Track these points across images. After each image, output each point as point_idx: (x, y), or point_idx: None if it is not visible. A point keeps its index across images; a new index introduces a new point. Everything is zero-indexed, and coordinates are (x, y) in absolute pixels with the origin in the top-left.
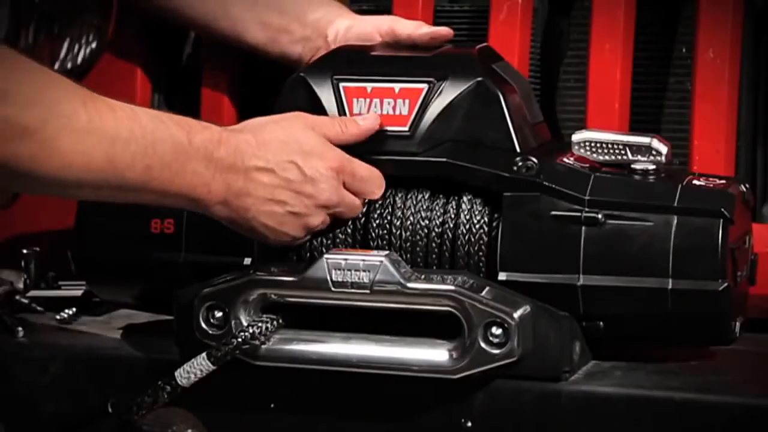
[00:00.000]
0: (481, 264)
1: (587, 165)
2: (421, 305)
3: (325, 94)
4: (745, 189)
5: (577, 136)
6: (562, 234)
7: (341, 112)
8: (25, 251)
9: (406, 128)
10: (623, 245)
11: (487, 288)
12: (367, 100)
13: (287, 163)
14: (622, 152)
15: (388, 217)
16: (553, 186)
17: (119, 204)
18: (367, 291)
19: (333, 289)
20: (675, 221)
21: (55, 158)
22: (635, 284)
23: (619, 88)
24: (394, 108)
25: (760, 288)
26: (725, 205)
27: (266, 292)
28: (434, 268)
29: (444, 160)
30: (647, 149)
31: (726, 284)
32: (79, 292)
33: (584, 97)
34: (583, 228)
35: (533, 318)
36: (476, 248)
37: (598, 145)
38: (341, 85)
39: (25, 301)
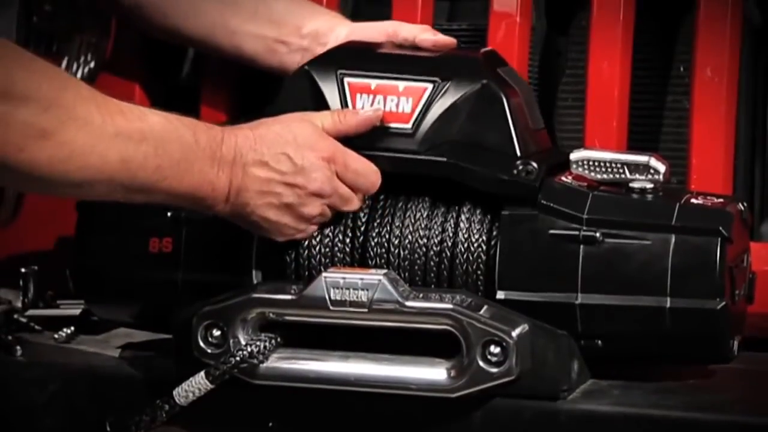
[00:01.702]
0: (479, 282)
1: (585, 184)
2: (420, 324)
3: (329, 89)
4: (743, 207)
5: (575, 155)
6: (561, 253)
7: (344, 106)
8: (23, 270)
9: (409, 126)
10: (621, 264)
11: (486, 307)
12: (371, 96)
13: (280, 155)
14: (621, 171)
15: (387, 236)
16: (552, 205)
17: (118, 223)
18: (366, 310)
19: (331, 307)
20: (673, 240)
21: (72, 160)
22: (633, 303)
23: (617, 106)
24: (397, 105)
25: (759, 306)
26: (723, 224)
27: (264, 310)
28: (432, 286)
29: (444, 159)
30: (645, 168)
31: (724, 303)
32: (77, 311)
33: (582, 116)
34: (582, 247)
35: (531, 337)
36: (474, 267)
37: (597, 163)
38: (345, 80)
39: (24, 320)
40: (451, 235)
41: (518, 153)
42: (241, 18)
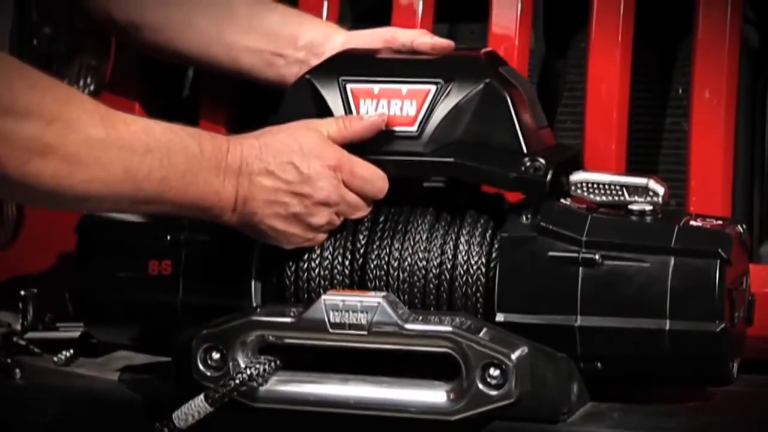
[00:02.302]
0: (478, 305)
1: (584, 206)
2: (419, 346)
3: (332, 96)
4: (741, 230)
5: (574, 177)
6: (560, 275)
7: (348, 113)
8: (22, 293)
9: (414, 129)
10: (620, 286)
11: (485, 329)
12: (375, 100)
13: (286, 164)
14: (619, 193)
15: (386, 258)
16: (551, 227)
17: (117, 246)
18: (365, 332)
19: (331, 330)
20: (672, 262)
21: (77, 174)
22: (633, 325)
23: (616, 128)
24: (401, 109)
25: (758, 328)
26: (722, 246)
27: (264, 333)
28: (432, 309)
29: (451, 160)
30: (644, 190)
31: (723, 325)
32: (76, 334)
33: (581, 138)
34: (581, 269)
35: (531, 359)
36: (474, 289)
37: (596, 186)
38: (348, 86)
39: (23, 342)
40: (450, 257)
41: (525, 150)
42: (236, 32)
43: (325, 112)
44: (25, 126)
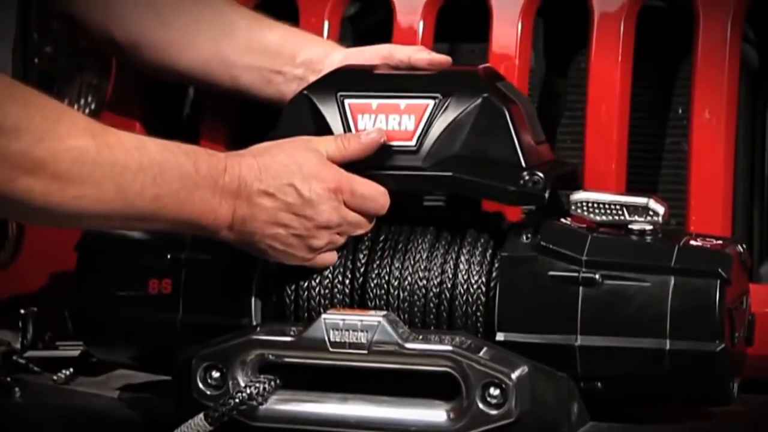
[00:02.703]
0: (478, 324)
1: (584, 225)
2: (419, 366)
3: (330, 112)
4: (742, 249)
5: (574, 197)
6: (560, 294)
7: (346, 128)
8: (22, 311)
9: (412, 143)
10: (621, 306)
11: (485, 348)
12: (373, 116)
13: (287, 186)
14: (620, 213)
15: (386, 277)
16: (551, 246)
17: (117, 264)
18: (365, 351)
19: (331, 349)
20: (672, 282)
21: (67, 190)
22: (633, 345)
23: (616, 148)
24: (399, 123)
25: (758, 348)
26: (722, 266)
27: (264, 352)
28: (432, 328)
29: (450, 174)
30: (644, 210)
31: (723, 345)
32: (76, 353)
33: (581, 158)
34: (581, 288)
35: (531, 378)
36: (474, 308)
37: (596, 205)
38: (346, 101)
39: (23, 361)
40: (450, 276)
41: (523, 164)
42: (235, 50)
43: (323, 127)
44: (14, 143)
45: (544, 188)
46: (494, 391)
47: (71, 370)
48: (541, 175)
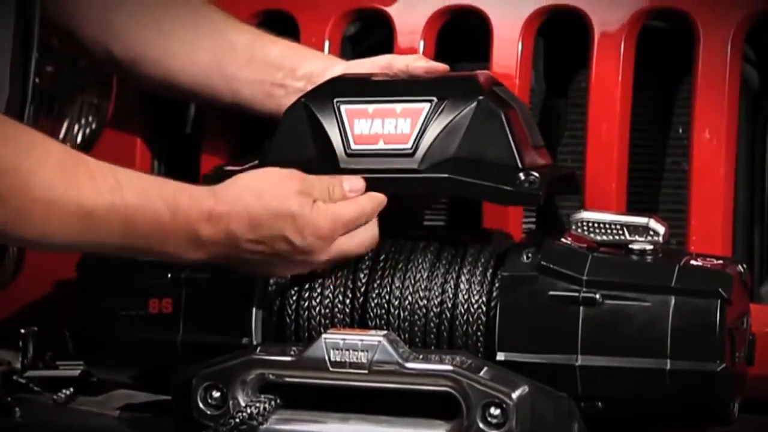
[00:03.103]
0: (479, 344)
1: (585, 245)
2: (420, 385)
3: (327, 118)
4: (742, 269)
5: (575, 216)
6: (560, 314)
7: (343, 134)
8: (22, 331)
9: (408, 146)
10: (621, 326)
11: (486, 368)
12: (369, 120)
13: (279, 238)
14: (620, 232)
15: (386, 297)
16: (551, 266)
17: (117, 284)
18: (366, 371)
19: (331, 369)
20: (673, 302)
21: (28, 227)
22: (633, 365)
23: (617, 168)
24: (395, 127)
25: (759, 369)
26: (723, 286)
27: (264, 372)
28: (432, 347)
29: (446, 175)
30: (645, 229)
31: (724, 365)
32: (76, 372)
33: (582, 177)
34: (581, 308)
35: (531, 398)
36: (474, 328)
37: (596, 225)
38: (342, 107)
39: (23, 381)
40: (451, 296)
41: (519, 165)
42: (236, 64)
43: (320, 134)
44: None
45: (540, 188)
46: (495, 411)
47: (72, 389)
48: (536, 175)
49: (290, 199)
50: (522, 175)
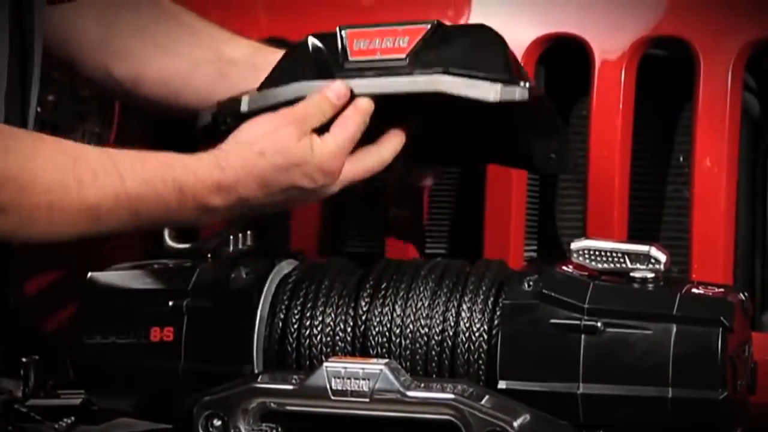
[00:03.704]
0: (480, 372)
1: (586, 273)
2: (421, 414)
3: (328, 43)
4: (744, 297)
5: (576, 245)
6: (562, 342)
7: (341, 51)
8: (23, 359)
9: (403, 56)
10: (623, 354)
11: (487, 396)
12: (367, 40)
13: (291, 188)
14: (621, 260)
15: (388, 325)
16: (552, 294)
17: (119, 312)
18: (367, 399)
19: (332, 397)
20: (674, 330)
21: (36, 229)
22: (635, 393)
23: (618, 196)
24: (394, 42)
25: (761, 397)
26: (725, 314)
27: (266, 400)
28: (434, 376)
29: (440, 70)
30: (646, 257)
31: (726, 393)
32: (77, 401)
33: (583, 205)
34: (583, 336)
35: (533, 427)
36: (476, 356)
37: (597, 253)
38: (344, 31)
39: (24, 409)
40: (452, 324)
41: (512, 72)
42: (239, 77)
43: (321, 58)
44: None
45: (533, 90)
46: None
47: (73, 418)
48: (529, 78)
49: (291, 148)
50: (515, 74)
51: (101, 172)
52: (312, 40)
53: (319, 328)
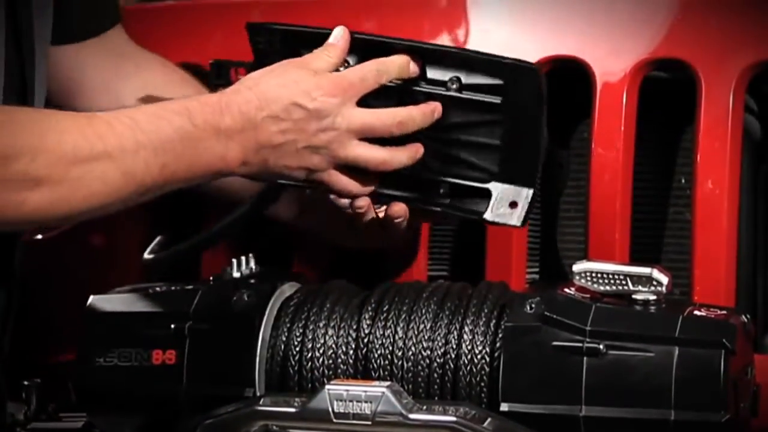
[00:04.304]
0: (482, 394)
1: (588, 295)
2: None
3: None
4: (746, 320)
5: (577, 267)
6: (564, 364)
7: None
8: (26, 383)
9: None
10: (625, 376)
11: (489, 419)
12: None
13: (290, 106)
14: (623, 283)
15: (390, 347)
16: (555, 316)
17: (121, 335)
18: (369, 422)
19: (335, 420)
20: (676, 352)
21: (75, 195)
22: (637, 415)
23: (619, 218)
24: None
25: (763, 420)
26: (727, 336)
27: (268, 423)
28: (436, 398)
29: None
30: (648, 280)
31: (728, 416)
32: (79, 424)
33: (584, 228)
34: (585, 359)
35: None
36: (478, 379)
37: (599, 275)
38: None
39: None
40: (454, 346)
41: None
42: None
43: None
44: (10, 168)
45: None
46: None
47: None
48: None
49: (291, 70)
50: None
51: (114, 120)
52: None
53: (321, 351)
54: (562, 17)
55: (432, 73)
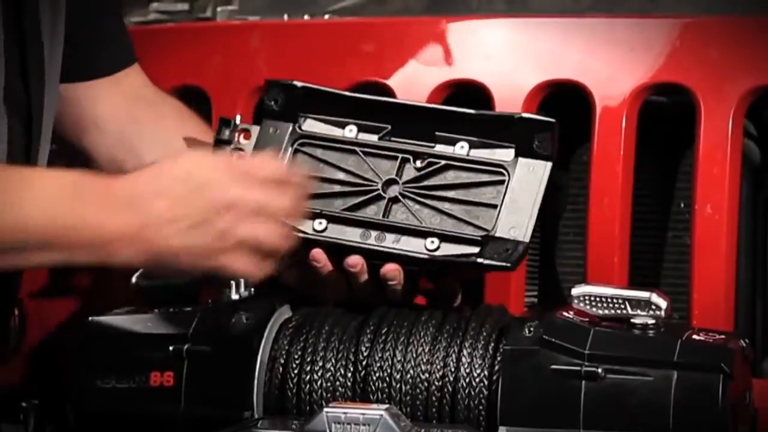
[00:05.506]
0: (481, 418)
1: (587, 319)
2: None
3: None
4: (744, 344)
5: (576, 290)
6: (562, 388)
7: None
8: (24, 404)
9: None
10: (623, 400)
11: None
12: None
13: (174, 181)
14: (622, 306)
15: (388, 370)
16: (553, 340)
17: (119, 357)
18: None
19: None
20: (675, 376)
21: None
22: None
23: (618, 242)
24: None
25: None
26: (725, 361)
27: None
28: (434, 421)
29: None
30: (647, 304)
31: None
32: None
33: (583, 251)
34: (583, 382)
35: None
36: (476, 402)
37: (598, 299)
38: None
39: None
40: (452, 370)
41: None
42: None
43: None
44: None
45: None
46: None
47: None
48: None
49: (190, 156)
50: None
51: (7, 206)
52: None
53: (319, 374)
54: (562, 41)
55: (441, 134)
